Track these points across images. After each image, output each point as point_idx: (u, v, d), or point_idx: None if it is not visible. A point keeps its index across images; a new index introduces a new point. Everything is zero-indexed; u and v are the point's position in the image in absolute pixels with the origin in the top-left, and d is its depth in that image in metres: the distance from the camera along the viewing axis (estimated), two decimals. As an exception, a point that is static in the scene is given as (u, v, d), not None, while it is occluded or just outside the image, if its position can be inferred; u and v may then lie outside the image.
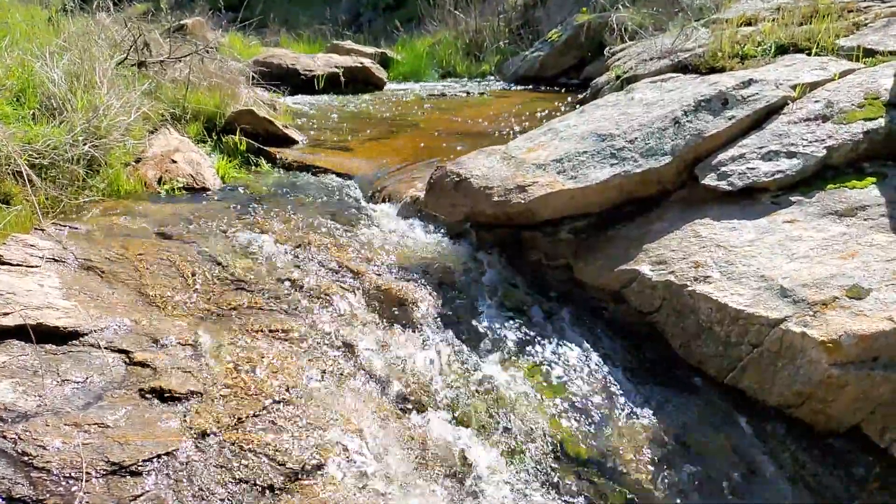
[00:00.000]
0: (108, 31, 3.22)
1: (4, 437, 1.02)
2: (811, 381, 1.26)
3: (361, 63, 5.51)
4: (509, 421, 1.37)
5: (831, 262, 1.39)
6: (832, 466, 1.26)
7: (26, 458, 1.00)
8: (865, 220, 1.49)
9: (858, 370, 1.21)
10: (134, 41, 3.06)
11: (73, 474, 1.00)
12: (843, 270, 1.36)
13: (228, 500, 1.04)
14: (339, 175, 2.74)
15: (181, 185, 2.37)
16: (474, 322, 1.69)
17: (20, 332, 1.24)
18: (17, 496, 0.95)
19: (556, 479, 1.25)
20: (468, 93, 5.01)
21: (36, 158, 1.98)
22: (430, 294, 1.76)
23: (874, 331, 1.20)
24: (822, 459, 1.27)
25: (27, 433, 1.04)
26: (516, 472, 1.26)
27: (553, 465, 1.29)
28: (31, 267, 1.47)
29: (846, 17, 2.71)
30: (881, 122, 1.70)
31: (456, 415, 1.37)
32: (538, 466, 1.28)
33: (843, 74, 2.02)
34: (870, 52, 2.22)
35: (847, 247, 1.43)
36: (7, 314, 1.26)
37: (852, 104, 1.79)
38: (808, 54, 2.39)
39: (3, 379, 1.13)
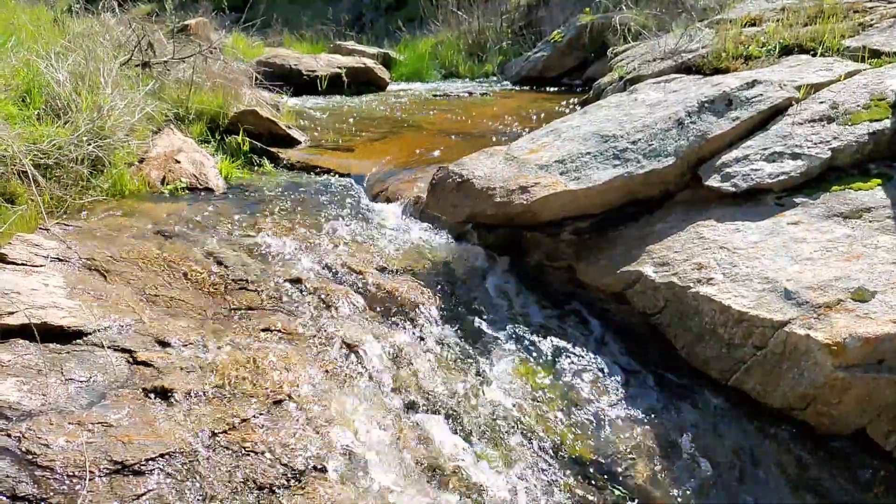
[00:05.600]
0: (113, 31, 3.24)
1: (9, 436, 1.02)
2: (816, 384, 1.25)
3: (364, 63, 5.52)
4: (510, 422, 1.37)
5: (836, 265, 1.39)
6: (836, 469, 1.25)
7: (30, 457, 1.00)
8: (870, 221, 1.48)
9: (863, 373, 1.20)
10: (138, 42, 3.08)
11: (76, 473, 1.00)
12: (847, 273, 1.35)
13: (230, 499, 1.05)
14: (341, 175, 2.74)
15: (184, 186, 2.38)
16: (476, 323, 1.69)
17: (25, 331, 1.25)
18: (21, 494, 0.96)
19: (557, 481, 1.25)
20: (471, 93, 5.01)
21: (41, 158, 1.99)
22: (431, 294, 1.76)
23: (879, 333, 1.19)
24: (827, 462, 1.27)
25: (31, 431, 1.04)
26: (517, 474, 1.25)
27: (554, 466, 1.28)
28: (36, 266, 1.48)
29: (851, 17, 2.69)
30: (887, 123, 1.68)
31: (457, 416, 1.37)
32: (539, 468, 1.27)
33: (849, 75, 2.01)
34: (875, 53, 2.21)
35: (852, 249, 1.42)
36: (12, 313, 1.26)
37: (858, 105, 1.78)
38: (813, 55, 2.38)
39: (7, 377, 1.14)
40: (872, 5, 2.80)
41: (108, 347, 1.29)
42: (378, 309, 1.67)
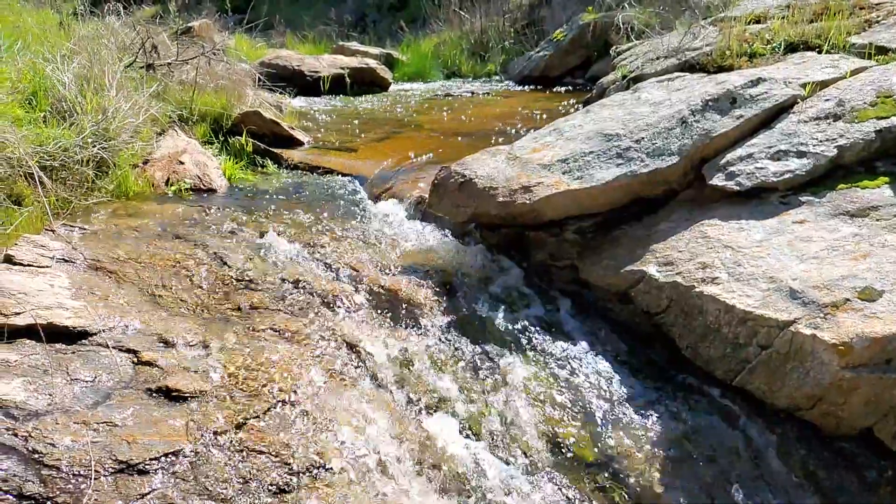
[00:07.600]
0: (118, 34, 3.26)
1: (15, 435, 1.03)
2: (822, 384, 1.24)
3: (367, 64, 5.53)
4: (514, 421, 1.37)
5: (842, 264, 1.37)
6: (843, 470, 1.24)
7: (36, 456, 1.01)
8: (878, 220, 1.47)
9: (871, 373, 1.19)
10: (142, 44, 3.10)
11: (81, 472, 1.01)
12: (854, 272, 1.33)
13: (234, 499, 1.05)
14: (344, 176, 2.75)
15: (188, 187, 2.39)
16: (479, 323, 1.69)
17: (31, 332, 1.26)
18: (28, 493, 0.97)
19: (561, 481, 1.24)
20: (473, 93, 5.01)
21: (47, 160, 2.00)
22: (434, 294, 1.76)
23: (887, 333, 1.18)
24: (833, 462, 1.26)
25: (37, 431, 1.05)
26: (521, 473, 1.25)
27: (558, 466, 1.28)
28: (42, 267, 1.49)
29: (857, 14, 2.67)
30: (894, 120, 1.67)
31: (461, 415, 1.37)
32: (543, 468, 1.27)
33: (855, 72, 1.99)
34: (882, 50, 2.19)
35: (859, 248, 1.40)
36: (18, 314, 1.27)
37: (864, 102, 1.76)
38: (819, 52, 2.36)
39: (14, 377, 1.15)
40: (879, 2, 2.77)
41: (113, 348, 1.30)
42: (381, 309, 1.67)
